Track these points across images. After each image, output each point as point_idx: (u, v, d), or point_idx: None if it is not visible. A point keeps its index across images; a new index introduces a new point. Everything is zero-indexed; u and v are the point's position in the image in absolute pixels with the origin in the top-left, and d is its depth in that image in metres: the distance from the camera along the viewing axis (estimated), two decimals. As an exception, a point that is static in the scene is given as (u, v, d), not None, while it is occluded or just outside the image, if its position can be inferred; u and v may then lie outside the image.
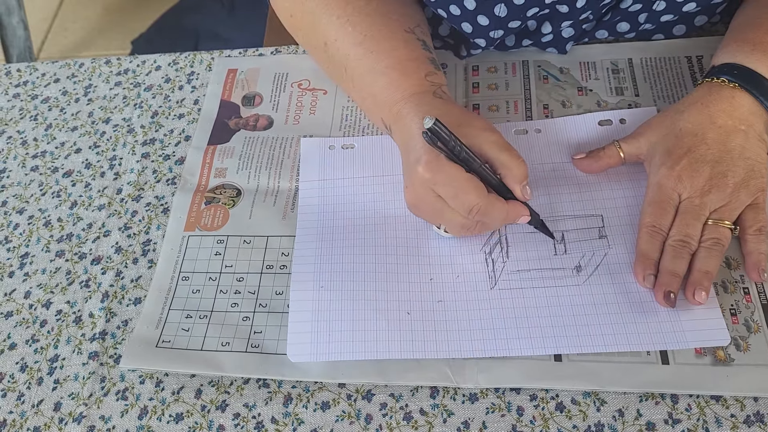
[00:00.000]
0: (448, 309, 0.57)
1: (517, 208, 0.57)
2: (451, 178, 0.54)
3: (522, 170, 0.55)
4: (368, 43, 0.62)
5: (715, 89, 0.59)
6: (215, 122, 0.73)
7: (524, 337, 0.55)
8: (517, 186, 0.56)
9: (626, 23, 0.69)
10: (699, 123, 0.58)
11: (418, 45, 0.63)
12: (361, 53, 0.63)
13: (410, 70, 0.61)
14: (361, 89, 0.64)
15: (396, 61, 0.62)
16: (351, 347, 0.56)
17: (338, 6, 0.64)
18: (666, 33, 0.71)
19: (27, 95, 0.80)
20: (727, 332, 0.54)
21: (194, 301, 0.60)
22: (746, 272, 0.57)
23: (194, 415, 0.55)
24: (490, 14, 0.64)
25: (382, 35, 0.63)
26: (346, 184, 0.66)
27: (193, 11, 1.89)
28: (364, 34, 0.63)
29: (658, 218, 0.57)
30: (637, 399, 0.53)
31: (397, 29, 0.63)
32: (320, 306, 0.58)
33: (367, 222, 0.63)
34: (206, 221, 0.65)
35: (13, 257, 0.66)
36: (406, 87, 0.60)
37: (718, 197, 0.56)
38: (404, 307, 0.58)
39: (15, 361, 0.60)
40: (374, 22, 0.63)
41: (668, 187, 0.57)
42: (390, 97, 0.61)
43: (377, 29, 0.63)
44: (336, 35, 0.64)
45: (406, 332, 0.56)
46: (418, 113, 0.58)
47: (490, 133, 0.56)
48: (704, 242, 0.56)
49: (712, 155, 0.56)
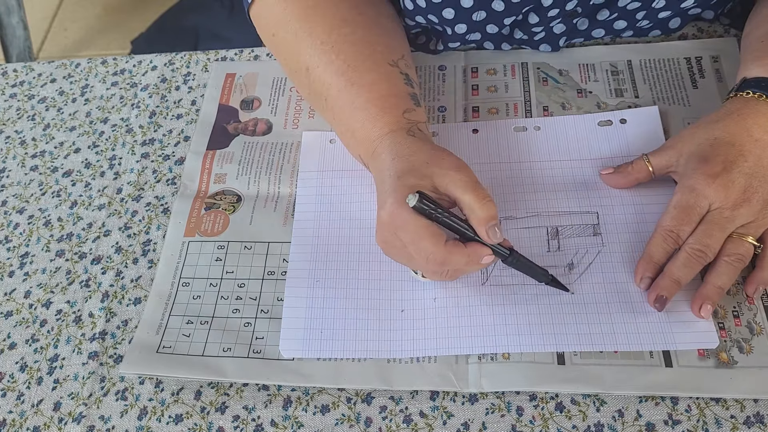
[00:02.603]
0: (442, 306, 0.57)
1: (476, 250, 0.54)
2: (409, 224, 0.53)
3: (486, 212, 0.53)
4: (351, 74, 0.61)
5: (752, 103, 0.58)
6: (214, 127, 0.73)
7: (514, 334, 0.55)
8: (482, 228, 0.53)
9: (623, 21, 0.69)
10: (736, 134, 0.56)
11: (400, 79, 0.62)
12: (343, 84, 0.62)
13: (389, 107, 0.60)
14: (341, 122, 0.63)
15: (376, 95, 0.61)
16: (343, 345, 0.56)
17: (323, 32, 0.63)
18: (663, 28, 0.71)
19: (24, 95, 0.80)
20: (716, 335, 0.54)
21: (195, 307, 0.60)
22: (747, 282, 0.56)
23: (194, 416, 0.55)
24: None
25: (366, 67, 0.62)
26: (345, 176, 0.66)
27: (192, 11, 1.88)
28: (347, 64, 0.62)
29: (679, 224, 0.55)
30: (636, 400, 0.53)
31: (381, 61, 0.62)
32: (314, 303, 0.59)
33: (363, 216, 0.63)
34: (206, 227, 0.65)
35: (13, 257, 0.66)
36: (383, 124, 0.60)
37: (748, 212, 0.55)
38: (397, 305, 0.58)
39: (15, 360, 0.60)
40: (359, 52, 0.62)
41: (701, 193, 0.55)
42: (367, 135, 0.60)
43: (361, 60, 0.62)
44: (318, 62, 0.63)
45: (397, 331, 0.57)
46: (390, 153, 0.57)
47: (456, 172, 0.55)
48: (727, 256, 0.55)
49: (748, 168, 0.55)
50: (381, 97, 0.61)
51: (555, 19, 0.67)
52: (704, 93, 0.68)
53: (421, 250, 0.53)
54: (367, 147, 0.60)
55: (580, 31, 0.71)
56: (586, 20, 0.69)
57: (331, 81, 0.62)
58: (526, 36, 0.71)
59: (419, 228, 0.53)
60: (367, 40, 0.63)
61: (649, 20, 0.68)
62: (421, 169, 0.55)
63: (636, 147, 0.65)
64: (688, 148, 0.58)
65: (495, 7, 0.64)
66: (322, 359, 0.56)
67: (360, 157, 0.63)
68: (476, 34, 0.68)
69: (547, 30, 0.69)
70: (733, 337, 0.54)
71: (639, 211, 0.61)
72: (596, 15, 0.69)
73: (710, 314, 0.54)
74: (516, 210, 0.62)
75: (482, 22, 0.66)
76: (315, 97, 0.66)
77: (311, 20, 0.63)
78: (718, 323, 0.55)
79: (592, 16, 0.69)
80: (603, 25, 0.70)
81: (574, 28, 0.70)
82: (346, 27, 0.63)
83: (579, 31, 0.71)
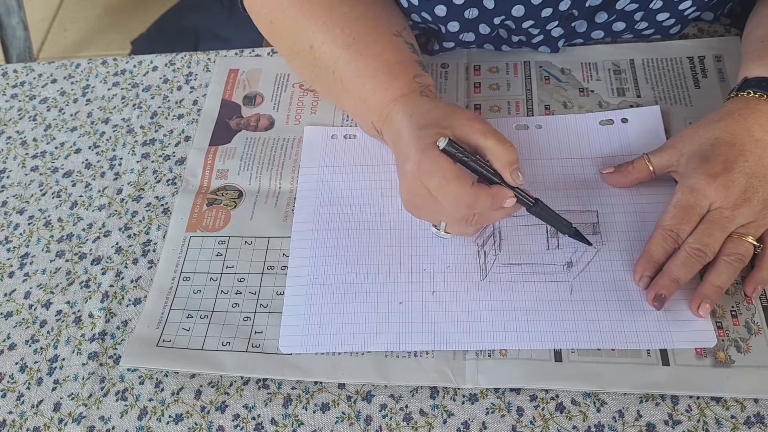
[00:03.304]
0: (440, 300, 0.57)
1: (500, 192, 0.56)
2: (436, 168, 0.54)
3: (509, 155, 0.55)
4: (357, 45, 0.63)
5: (753, 103, 0.58)
6: (216, 122, 0.73)
7: (511, 331, 0.55)
8: (506, 170, 0.55)
9: (622, 23, 0.69)
10: (736, 134, 0.56)
11: (405, 48, 0.64)
12: (350, 56, 0.63)
13: (398, 73, 0.62)
14: (351, 93, 0.64)
15: (384, 63, 0.62)
16: (341, 339, 0.56)
17: (323, 12, 0.64)
18: (662, 33, 0.71)
19: (25, 96, 0.80)
20: (714, 334, 0.54)
21: (195, 301, 0.60)
22: (745, 282, 0.56)
23: (194, 415, 0.55)
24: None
25: (371, 38, 0.63)
26: (345, 171, 0.67)
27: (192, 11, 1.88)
28: (353, 36, 0.63)
29: (679, 223, 0.55)
30: (637, 400, 0.53)
31: (384, 32, 0.64)
32: (313, 299, 0.59)
33: (363, 210, 0.64)
34: (208, 222, 0.65)
35: (13, 257, 0.66)
36: (394, 89, 0.61)
37: (748, 212, 0.55)
38: (395, 298, 0.58)
39: (15, 361, 0.60)
40: (363, 25, 0.63)
41: (701, 192, 0.55)
42: (379, 101, 0.61)
43: (366, 32, 0.63)
44: (323, 38, 0.64)
45: (395, 324, 0.57)
46: (406, 113, 0.59)
47: (474, 122, 0.57)
48: (727, 256, 0.55)
49: (749, 168, 0.55)
50: (390, 65, 0.62)
51: (550, 20, 0.67)
52: (706, 93, 0.68)
53: (449, 193, 0.54)
54: (381, 112, 0.61)
55: (578, 34, 0.71)
56: (585, 23, 0.69)
57: (338, 54, 0.63)
58: (524, 38, 0.71)
59: (447, 171, 0.54)
60: (368, 14, 0.64)
61: (647, 22, 0.68)
62: (441, 122, 0.56)
63: (637, 146, 0.65)
64: (689, 148, 0.58)
65: (486, 5, 0.64)
66: (320, 353, 0.56)
67: (372, 124, 0.63)
68: (470, 34, 0.68)
69: (545, 33, 0.69)
70: (731, 337, 0.54)
71: (639, 210, 0.61)
72: (594, 18, 0.68)
73: (708, 313, 0.54)
74: None
75: (475, 20, 0.66)
76: (321, 73, 0.66)
77: (309, 2, 0.64)
78: (716, 322, 0.55)
79: (590, 19, 0.69)
80: (602, 27, 0.70)
81: (572, 31, 0.70)
82: (345, 6, 0.64)
83: (577, 34, 0.71)
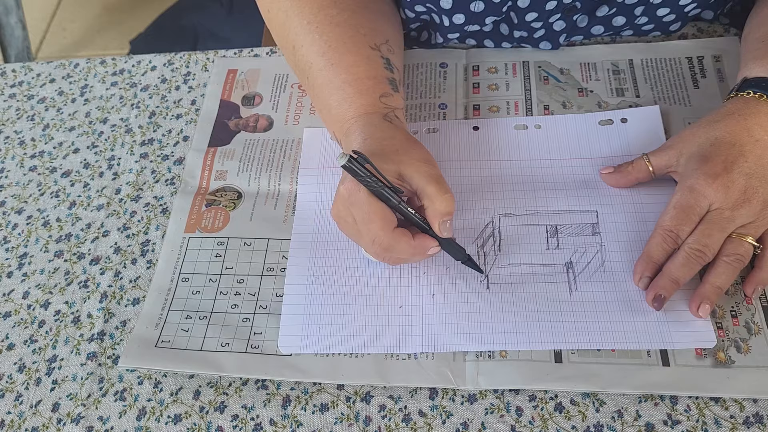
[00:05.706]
0: (440, 302, 0.57)
1: (424, 242, 0.55)
2: (363, 203, 0.54)
3: (445, 205, 0.54)
4: (331, 54, 0.63)
5: (752, 103, 0.58)
6: (215, 123, 0.73)
7: (511, 332, 0.55)
8: (435, 220, 0.55)
9: (622, 17, 0.69)
10: (736, 134, 0.56)
11: (380, 63, 0.63)
12: (323, 64, 0.63)
13: (365, 89, 0.61)
14: (320, 99, 0.64)
15: (353, 77, 0.62)
16: (340, 340, 0.56)
17: (311, 11, 0.64)
18: (662, 29, 0.71)
19: (23, 95, 0.80)
20: (714, 335, 0.54)
21: (194, 302, 0.60)
22: (745, 282, 0.56)
23: (192, 416, 0.55)
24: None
25: (346, 48, 0.63)
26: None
27: (191, 11, 1.89)
28: (328, 44, 0.63)
29: (679, 223, 0.55)
30: (636, 400, 0.53)
31: (362, 44, 0.63)
32: (313, 299, 0.59)
33: None
34: (207, 223, 0.65)
35: (12, 257, 0.66)
36: (358, 106, 0.61)
37: (748, 212, 0.54)
38: (395, 301, 0.58)
39: (13, 361, 0.60)
40: (342, 33, 0.63)
41: (701, 192, 0.55)
42: (342, 114, 0.61)
43: (342, 42, 0.63)
44: (303, 41, 0.64)
45: (395, 327, 0.57)
46: (362, 134, 0.58)
47: (423, 164, 0.56)
48: (726, 256, 0.55)
49: (749, 168, 0.55)
50: (358, 79, 0.62)
51: (554, 13, 0.67)
52: (705, 93, 0.68)
53: (369, 231, 0.54)
54: (341, 125, 0.61)
55: (579, 29, 0.71)
56: (586, 17, 0.70)
57: (312, 60, 0.63)
58: (526, 33, 0.71)
59: (372, 209, 0.54)
60: (352, 22, 0.64)
61: (647, 17, 0.68)
62: (390, 155, 0.56)
63: (636, 146, 0.65)
64: (689, 148, 0.58)
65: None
66: (320, 354, 0.56)
67: (334, 134, 0.64)
68: (475, 26, 0.68)
69: (547, 27, 0.69)
70: (730, 337, 0.54)
71: (638, 211, 0.61)
72: (596, 11, 0.69)
73: (708, 314, 0.54)
74: (515, 207, 0.62)
75: (481, 14, 0.66)
76: (300, 74, 0.67)
77: None
78: (716, 323, 0.55)
79: (591, 13, 0.69)
80: (602, 21, 0.70)
81: (573, 25, 0.70)
82: (334, 8, 0.64)
83: (579, 29, 0.71)
